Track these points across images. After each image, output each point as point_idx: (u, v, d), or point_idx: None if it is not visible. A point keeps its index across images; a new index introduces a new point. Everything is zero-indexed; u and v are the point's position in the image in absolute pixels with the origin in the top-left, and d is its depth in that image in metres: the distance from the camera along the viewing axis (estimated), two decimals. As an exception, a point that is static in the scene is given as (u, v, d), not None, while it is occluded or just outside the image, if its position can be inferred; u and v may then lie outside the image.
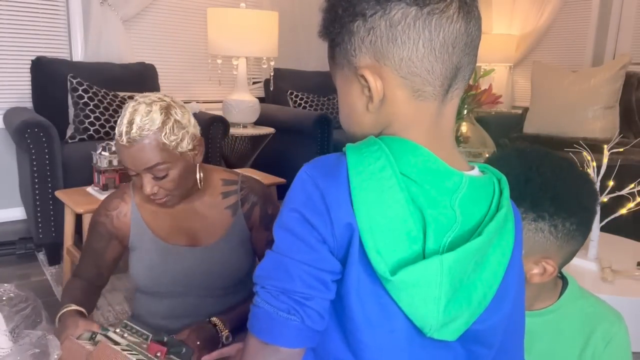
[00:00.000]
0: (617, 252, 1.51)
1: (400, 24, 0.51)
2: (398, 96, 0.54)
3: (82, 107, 2.61)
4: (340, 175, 0.52)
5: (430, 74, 0.52)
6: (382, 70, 0.53)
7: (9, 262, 2.37)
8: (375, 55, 0.53)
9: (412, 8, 0.50)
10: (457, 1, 0.51)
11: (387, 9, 0.51)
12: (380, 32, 0.52)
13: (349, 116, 0.59)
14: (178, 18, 3.36)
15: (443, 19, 0.51)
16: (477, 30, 0.54)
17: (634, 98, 3.37)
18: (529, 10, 4.36)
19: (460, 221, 0.52)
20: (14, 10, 2.79)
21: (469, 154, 1.90)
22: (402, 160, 0.52)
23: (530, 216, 0.71)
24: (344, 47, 0.55)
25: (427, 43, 0.51)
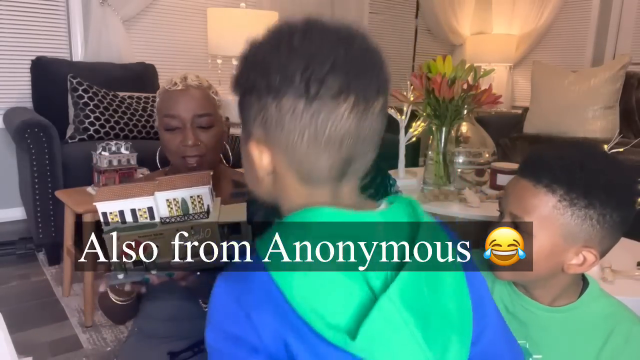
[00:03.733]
0: (617, 252, 1.51)
1: (289, 112, 0.50)
2: (288, 177, 0.54)
3: (82, 107, 2.61)
4: (253, 274, 0.50)
5: (315, 164, 0.52)
6: (271, 147, 0.53)
7: (9, 262, 2.37)
8: (265, 132, 0.52)
9: (301, 100, 0.49)
10: (353, 100, 0.50)
11: (278, 95, 0.50)
12: (270, 114, 0.51)
13: (248, 174, 0.59)
14: (178, 18, 3.35)
15: (331, 116, 0.49)
16: (376, 125, 0.52)
17: (634, 98, 3.38)
18: (529, 10, 4.36)
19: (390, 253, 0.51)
20: (14, 10, 2.79)
21: (469, 154, 1.90)
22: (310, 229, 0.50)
23: (581, 203, 0.72)
24: (243, 114, 0.55)
25: (312, 137, 0.50)
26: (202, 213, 0.82)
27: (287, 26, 0.54)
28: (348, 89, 0.49)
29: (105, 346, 1.72)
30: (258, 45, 0.54)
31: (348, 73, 0.50)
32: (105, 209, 0.80)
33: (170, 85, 1.02)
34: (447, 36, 4.64)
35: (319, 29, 0.53)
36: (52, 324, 1.85)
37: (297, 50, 0.50)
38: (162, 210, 0.81)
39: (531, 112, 3.63)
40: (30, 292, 2.07)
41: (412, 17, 4.57)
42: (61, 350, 1.69)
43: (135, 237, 0.79)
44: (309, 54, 0.50)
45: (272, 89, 0.50)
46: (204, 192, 0.82)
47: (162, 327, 1.04)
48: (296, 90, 0.49)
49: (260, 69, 0.51)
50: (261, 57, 0.52)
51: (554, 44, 4.32)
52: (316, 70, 0.49)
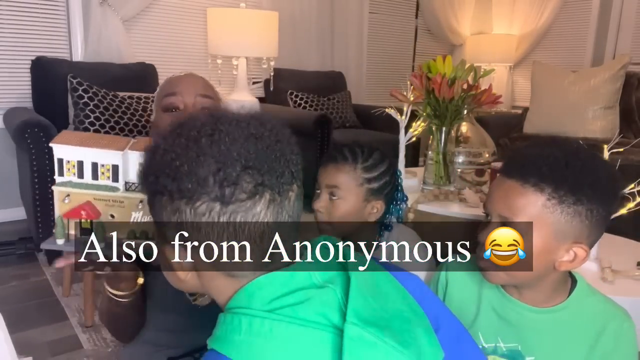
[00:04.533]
0: (617, 252, 1.51)
1: (205, 215, 0.48)
2: (212, 274, 0.53)
3: (82, 107, 2.61)
4: None
5: (237, 265, 0.51)
6: (192, 251, 0.51)
7: (9, 262, 2.37)
8: (180, 235, 0.50)
9: (216, 204, 0.48)
10: (268, 196, 0.49)
11: (192, 199, 0.48)
12: (185, 217, 0.49)
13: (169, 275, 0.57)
14: (178, 18, 3.35)
15: (249, 216, 0.49)
16: (294, 212, 0.53)
17: (634, 98, 3.38)
18: (529, 10, 4.36)
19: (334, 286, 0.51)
20: (14, 10, 2.79)
21: (469, 154, 1.90)
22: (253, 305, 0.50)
23: (570, 199, 0.72)
24: (154, 213, 0.53)
25: (232, 237, 0.49)
26: None
27: (193, 124, 0.51)
28: (263, 186, 0.49)
29: (106, 346, 1.72)
30: (164, 146, 0.51)
31: (260, 169, 0.49)
32: (62, 155, 0.68)
33: (174, 74, 1.03)
34: (447, 36, 4.64)
35: (226, 126, 0.50)
36: (52, 324, 1.85)
37: (206, 152, 0.48)
38: (131, 174, 0.70)
39: (531, 112, 3.63)
40: (30, 292, 2.07)
41: (412, 17, 4.57)
42: (61, 350, 1.69)
43: (89, 198, 0.68)
44: (220, 156, 0.48)
45: (184, 193, 0.48)
46: None
47: (163, 337, 1.03)
48: (210, 194, 0.48)
49: (170, 173, 0.49)
50: (169, 160, 0.49)
51: (554, 44, 4.31)
52: (228, 172, 0.47)
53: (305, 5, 3.80)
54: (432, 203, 1.66)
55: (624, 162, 1.26)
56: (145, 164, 0.53)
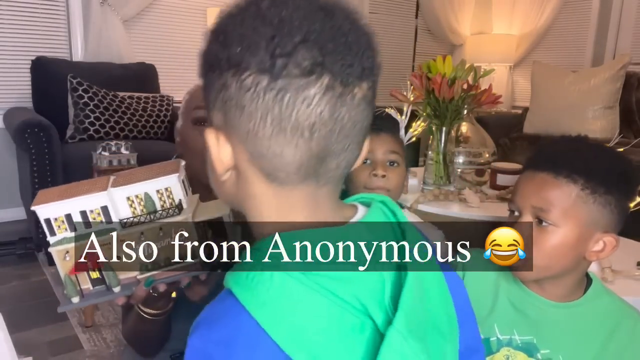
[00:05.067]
0: (617, 252, 1.51)
1: (250, 91, 0.41)
2: (251, 175, 0.45)
3: (82, 107, 2.61)
4: (232, 319, 0.42)
5: (279, 158, 0.43)
6: (232, 138, 0.44)
7: (9, 262, 2.37)
8: (225, 117, 0.44)
9: (264, 76, 0.41)
10: (327, 80, 0.41)
11: (239, 69, 0.41)
12: (230, 94, 0.42)
13: (210, 174, 0.50)
14: (178, 18, 3.35)
15: (299, 97, 0.41)
16: (356, 116, 0.44)
17: (634, 98, 3.37)
18: (529, 10, 4.36)
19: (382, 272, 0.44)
20: (14, 10, 2.79)
21: (469, 154, 1.90)
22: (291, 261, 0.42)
23: (601, 189, 0.75)
24: (204, 94, 0.47)
25: (276, 122, 0.41)
26: (173, 209, 0.66)
27: None
28: (322, 67, 0.41)
29: (106, 347, 1.72)
30: (224, 13, 0.45)
31: (323, 48, 0.41)
32: (48, 214, 0.64)
33: None
34: (447, 36, 4.64)
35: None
36: (52, 324, 1.85)
37: (265, 15, 0.41)
38: (122, 211, 0.65)
39: (531, 112, 3.63)
40: (30, 292, 2.07)
41: (412, 17, 4.57)
42: (61, 350, 1.69)
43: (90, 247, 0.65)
44: (278, 21, 0.41)
45: (232, 62, 0.42)
46: (172, 182, 0.66)
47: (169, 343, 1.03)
48: (259, 63, 0.40)
49: (222, 39, 0.43)
50: (224, 25, 0.43)
51: (554, 44, 4.31)
52: (285, 41, 0.40)
53: (305, 5, 3.80)
54: (432, 203, 1.66)
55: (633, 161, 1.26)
56: (204, 41, 0.47)
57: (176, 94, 3.13)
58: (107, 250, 0.65)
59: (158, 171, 0.67)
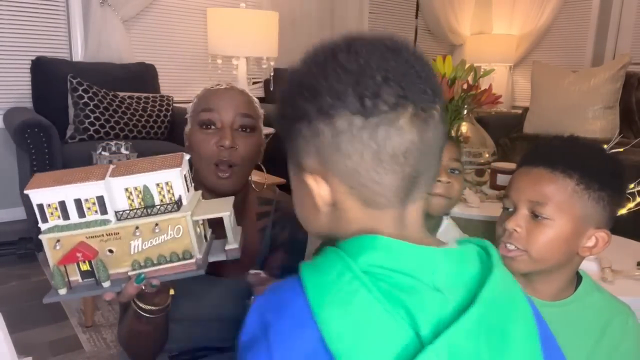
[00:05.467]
0: (617, 252, 1.51)
1: (345, 133, 0.46)
2: (348, 204, 0.49)
3: (82, 107, 2.61)
4: (290, 302, 0.45)
5: (379, 185, 0.47)
6: (329, 176, 0.49)
7: (9, 262, 2.37)
8: (320, 160, 0.48)
9: (357, 118, 0.45)
10: (411, 110, 0.46)
11: (331, 116, 0.46)
12: (324, 139, 0.47)
13: (302, 213, 0.55)
14: (178, 18, 3.35)
15: (392, 130, 0.46)
16: (437, 135, 0.49)
17: (634, 98, 3.37)
18: (529, 10, 4.36)
19: (450, 300, 0.45)
20: (14, 10, 2.79)
21: (469, 154, 1.90)
22: (361, 257, 0.45)
23: (595, 185, 0.77)
24: (291, 145, 0.51)
25: (374, 155, 0.46)
26: (172, 204, 0.64)
27: (328, 45, 0.50)
28: (405, 99, 0.46)
29: (106, 347, 1.72)
30: (300, 70, 0.50)
31: (401, 82, 0.46)
32: (41, 200, 0.62)
33: (214, 86, 0.95)
34: (447, 36, 4.64)
35: (361, 42, 0.49)
36: (52, 324, 1.85)
37: (345, 66, 0.47)
38: (119, 203, 0.63)
39: (531, 112, 3.63)
40: (30, 292, 2.07)
41: (412, 17, 4.57)
42: (61, 350, 1.69)
43: (81, 238, 0.63)
44: (358, 68, 0.46)
45: (323, 111, 0.47)
46: (173, 176, 0.64)
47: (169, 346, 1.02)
48: (350, 108, 0.45)
49: (308, 93, 0.48)
50: (307, 81, 0.48)
51: (554, 44, 4.31)
52: (369, 84, 0.45)
53: (305, 5, 3.80)
54: (432, 203, 1.66)
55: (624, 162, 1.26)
56: (283, 97, 0.52)
57: (176, 94, 3.14)
58: (99, 242, 0.63)
59: (160, 164, 0.65)
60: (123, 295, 0.67)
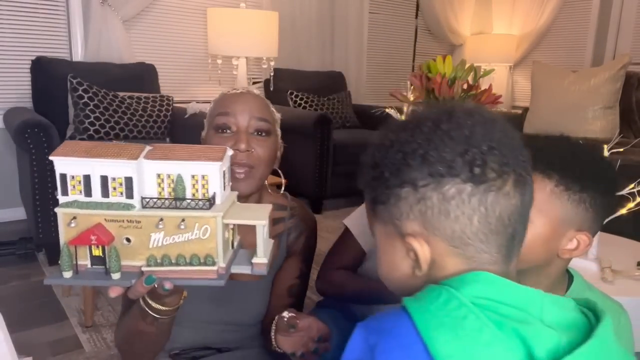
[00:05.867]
0: (617, 252, 1.51)
1: (454, 199, 0.49)
2: (449, 263, 0.51)
3: (82, 107, 2.61)
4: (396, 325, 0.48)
5: (485, 243, 0.50)
6: (431, 238, 0.51)
7: (9, 262, 2.37)
8: (424, 224, 0.51)
9: (468, 185, 0.48)
10: (513, 177, 0.50)
11: (441, 183, 0.49)
12: (431, 204, 0.50)
13: (391, 274, 0.57)
14: (178, 18, 3.36)
15: (500, 196, 0.49)
16: (531, 198, 0.53)
17: (634, 98, 3.37)
18: (529, 10, 4.36)
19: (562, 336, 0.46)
20: (14, 10, 2.79)
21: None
22: (465, 289, 0.47)
23: (576, 187, 0.75)
24: (389, 209, 0.53)
25: (483, 218, 0.49)
26: (204, 201, 0.58)
27: (426, 116, 0.53)
28: (507, 166, 0.49)
29: (106, 347, 1.72)
30: (399, 139, 0.52)
31: (502, 151, 0.49)
32: (66, 169, 0.57)
33: (230, 90, 0.97)
34: (447, 36, 4.64)
35: (461, 112, 0.52)
36: (52, 324, 1.85)
37: (452, 136, 0.49)
38: (147, 188, 0.58)
39: (531, 112, 3.63)
40: (30, 292, 2.07)
41: (412, 17, 4.57)
42: (61, 350, 1.69)
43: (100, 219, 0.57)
44: (465, 138, 0.49)
45: (432, 178, 0.49)
46: (212, 170, 0.58)
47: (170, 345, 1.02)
48: (461, 176, 0.48)
49: (415, 161, 0.50)
50: (412, 149, 0.50)
51: (554, 44, 4.31)
52: (475, 152, 0.49)
53: (305, 5, 3.80)
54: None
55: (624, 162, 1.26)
56: (374, 163, 0.54)
57: (176, 94, 3.13)
58: (118, 228, 0.58)
59: (200, 154, 0.59)
60: (132, 293, 0.63)
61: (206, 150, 0.60)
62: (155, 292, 0.67)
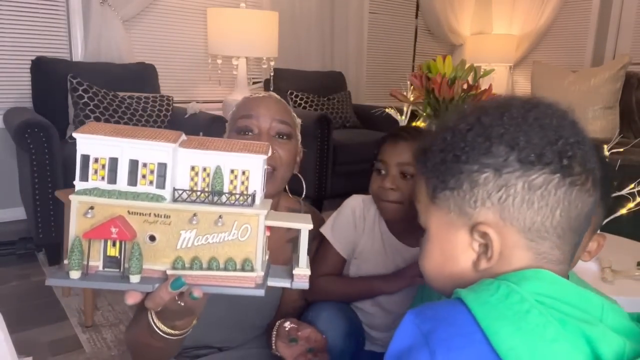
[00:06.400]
0: (617, 252, 1.51)
1: (540, 189, 0.47)
2: (516, 257, 0.49)
3: (82, 107, 2.61)
4: (452, 314, 0.45)
5: (561, 239, 0.49)
6: (505, 229, 0.49)
7: (9, 262, 2.37)
8: (501, 212, 0.48)
9: (556, 176, 0.47)
10: (592, 176, 0.49)
11: (529, 171, 0.47)
12: (514, 192, 0.47)
13: (442, 267, 0.53)
14: (178, 18, 3.35)
15: (583, 192, 0.48)
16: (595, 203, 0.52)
17: (634, 98, 3.37)
18: (529, 10, 4.36)
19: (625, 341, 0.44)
20: (14, 10, 2.79)
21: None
22: (526, 285, 0.45)
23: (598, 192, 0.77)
24: (460, 195, 0.50)
25: (565, 213, 0.47)
26: (245, 197, 0.51)
27: (511, 101, 0.51)
28: (590, 164, 0.48)
29: (106, 347, 1.71)
30: (482, 122, 0.50)
31: (583, 145, 0.49)
32: (89, 150, 0.50)
33: (250, 95, 0.98)
34: (447, 36, 4.64)
35: (546, 105, 0.51)
36: (52, 324, 1.84)
37: (542, 124, 0.48)
38: (178, 180, 0.50)
39: (531, 112, 3.63)
40: (30, 292, 2.07)
41: (412, 17, 4.57)
42: (61, 350, 1.69)
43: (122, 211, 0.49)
44: (554, 127, 0.48)
45: (520, 164, 0.47)
46: (254, 164, 0.51)
47: None
48: (550, 164, 0.47)
49: (502, 145, 0.48)
50: (498, 133, 0.48)
51: (554, 44, 4.31)
52: (564, 143, 0.47)
53: (305, 5, 3.80)
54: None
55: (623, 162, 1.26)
56: (449, 145, 0.51)
57: (176, 94, 3.13)
58: (142, 223, 0.50)
59: (241, 147, 0.52)
60: (152, 300, 0.54)
61: (246, 144, 0.53)
62: (164, 314, 0.61)
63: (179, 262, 0.51)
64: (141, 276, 0.51)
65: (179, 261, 0.51)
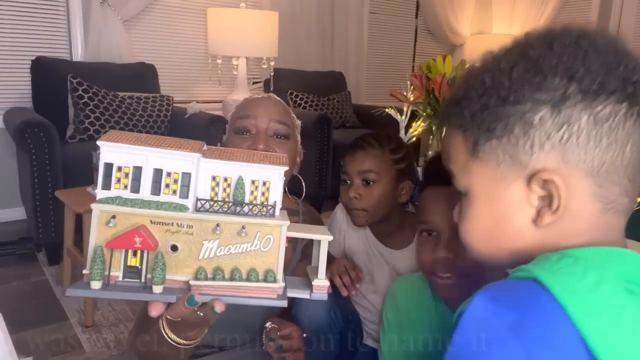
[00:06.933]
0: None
1: (608, 121, 0.41)
2: (585, 209, 0.43)
3: (82, 107, 2.61)
4: (536, 300, 0.38)
5: (632, 182, 0.43)
6: (569, 175, 0.42)
7: (9, 262, 2.37)
8: (564, 155, 0.42)
9: (623, 105, 0.41)
10: None
11: (593, 102, 0.41)
12: (578, 129, 0.41)
13: (493, 231, 0.46)
14: (178, 18, 3.35)
15: None
16: None
17: (634, 98, 3.38)
18: (529, 10, 4.36)
19: None
20: (14, 10, 2.79)
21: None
22: (614, 269, 0.39)
23: None
24: (511, 141, 0.43)
25: (636, 147, 0.41)
26: (266, 207, 0.52)
27: (558, 30, 0.45)
28: None
29: (106, 347, 1.72)
30: (528, 56, 0.44)
31: None
32: (113, 159, 0.49)
33: (250, 96, 1.00)
34: (447, 36, 4.64)
35: (592, 31, 0.44)
36: (52, 324, 1.85)
37: (599, 49, 0.42)
38: (199, 191, 0.51)
39: (531, 112, 3.64)
40: (30, 292, 2.07)
41: (412, 17, 4.57)
42: (61, 350, 1.69)
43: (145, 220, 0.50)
44: (612, 50, 0.42)
45: (582, 95, 0.41)
46: (274, 176, 0.52)
47: None
48: (615, 92, 0.41)
49: (557, 76, 0.42)
50: (550, 64, 0.42)
51: (554, 44, 4.32)
52: (627, 70, 0.41)
53: (305, 5, 3.80)
54: (432, 203, 1.65)
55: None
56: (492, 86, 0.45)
57: (176, 94, 3.13)
58: (164, 233, 0.50)
59: (262, 158, 0.53)
60: (174, 311, 0.53)
61: (266, 156, 0.54)
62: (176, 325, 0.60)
63: (202, 273, 0.51)
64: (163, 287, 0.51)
65: (202, 271, 0.51)
